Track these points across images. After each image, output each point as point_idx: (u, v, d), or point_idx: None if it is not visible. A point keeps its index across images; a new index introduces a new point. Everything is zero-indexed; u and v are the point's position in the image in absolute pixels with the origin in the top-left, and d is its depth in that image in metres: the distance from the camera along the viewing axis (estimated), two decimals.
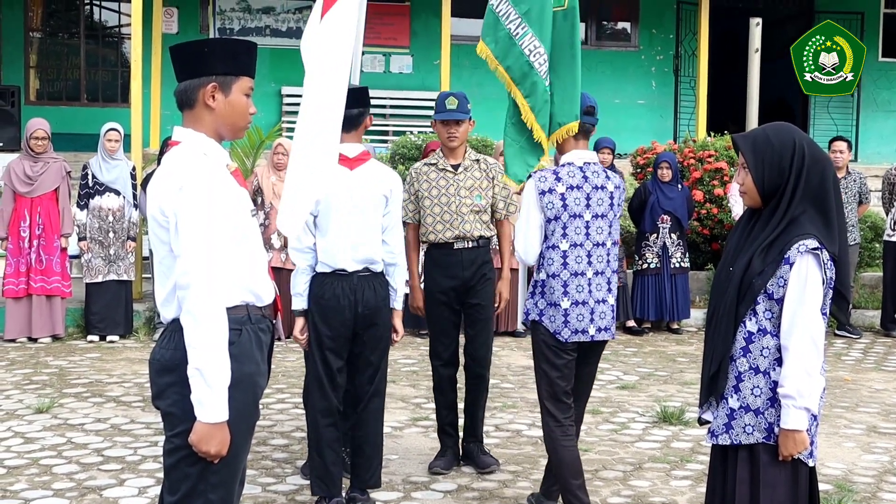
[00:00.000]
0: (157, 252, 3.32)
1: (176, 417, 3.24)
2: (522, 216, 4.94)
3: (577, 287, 4.89)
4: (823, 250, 3.54)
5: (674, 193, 10.70)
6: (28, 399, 7.57)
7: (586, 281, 4.90)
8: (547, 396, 4.98)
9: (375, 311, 5.31)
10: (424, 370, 8.67)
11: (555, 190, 4.87)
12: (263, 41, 15.79)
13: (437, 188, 6.02)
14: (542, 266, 4.95)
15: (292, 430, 6.83)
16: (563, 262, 4.88)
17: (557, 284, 4.89)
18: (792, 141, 3.62)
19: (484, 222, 6.06)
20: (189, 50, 3.35)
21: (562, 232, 4.88)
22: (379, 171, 5.45)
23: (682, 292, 10.81)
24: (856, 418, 7.45)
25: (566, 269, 4.89)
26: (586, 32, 17.34)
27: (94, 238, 9.86)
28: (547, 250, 4.91)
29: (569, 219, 4.87)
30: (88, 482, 5.74)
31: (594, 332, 4.95)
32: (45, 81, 16.82)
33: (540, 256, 4.95)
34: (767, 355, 3.61)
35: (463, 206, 5.99)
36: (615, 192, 4.98)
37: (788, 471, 3.62)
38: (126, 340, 9.99)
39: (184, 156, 3.28)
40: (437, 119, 6.03)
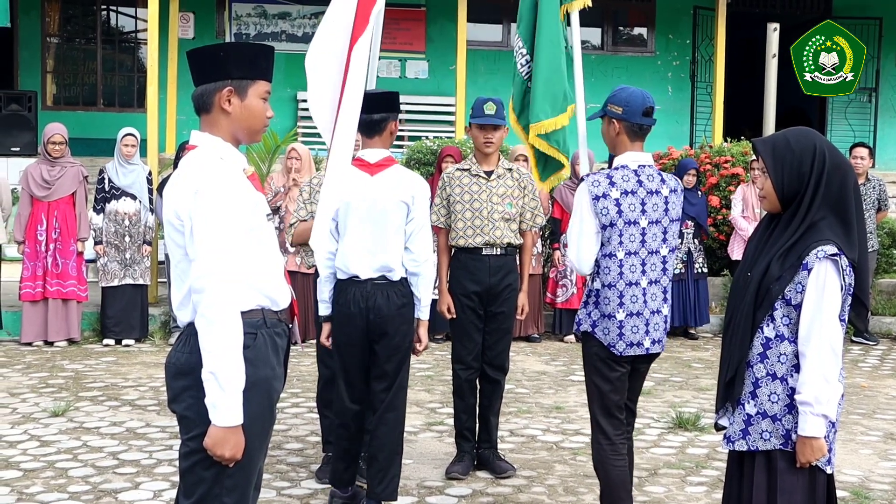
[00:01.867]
0: (173, 256, 3.32)
1: (191, 421, 3.24)
2: (575, 223, 4.67)
3: (631, 297, 4.62)
4: (842, 256, 3.51)
5: (695, 199, 10.76)
6: (44, 402, 7.59)
7: (640, 291, 4.64)
8: (599, 412, 4.72)
9: (388, 320, 5.20)
10: (439, 374, 8.67)
11: (609, 195, 4.57)
12: (279, 46, 15.81)
13: (470, 193, 6.01)
14: (597, 275, 4.67)
15: (307, 435, 6.83)
16: (619, 272, 4.61)
17: (613, 295, 4.61)
18: (812, 146, 3.60)
19: (513, 231, 6.04)
20: (205, 54, 3.36)
21: (618, 240, 4.58)
22: (401, 177, 5.28)
23: (704, 297, 10.85)
24: (872, 425, 7.41)
25: (622, 279, 4.61)
26: (602, 38, 17.33)
27: (110, 242, 9.89)
28: (603, 259, 4.62)
29: (624, 225, 4.59)
30: (104, 485, 5.75)
31: (649, 345, 4.72)
32: (61, 86, 16.88)
33: (595, 265, 4.66)
34: (785, 361, 3.59)
35: (494, 212, 5.98)
36: (670, 196, 4.67)
37: (806, 478, 3.59)
38: (141, 344, 10.01)
39: (200, 160, 3.28)
40: (474, 123, 6.01)
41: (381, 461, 5.25)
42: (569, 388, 8.39)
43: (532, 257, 6.39)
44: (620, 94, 4.68)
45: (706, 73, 16.69)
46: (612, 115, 4.66)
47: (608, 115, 4.68)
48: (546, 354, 9.87)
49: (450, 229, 6.08)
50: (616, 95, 4.69)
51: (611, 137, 4.72)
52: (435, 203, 6.05)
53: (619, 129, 4.66)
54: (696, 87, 17.10)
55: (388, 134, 5.33)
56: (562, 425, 7.21)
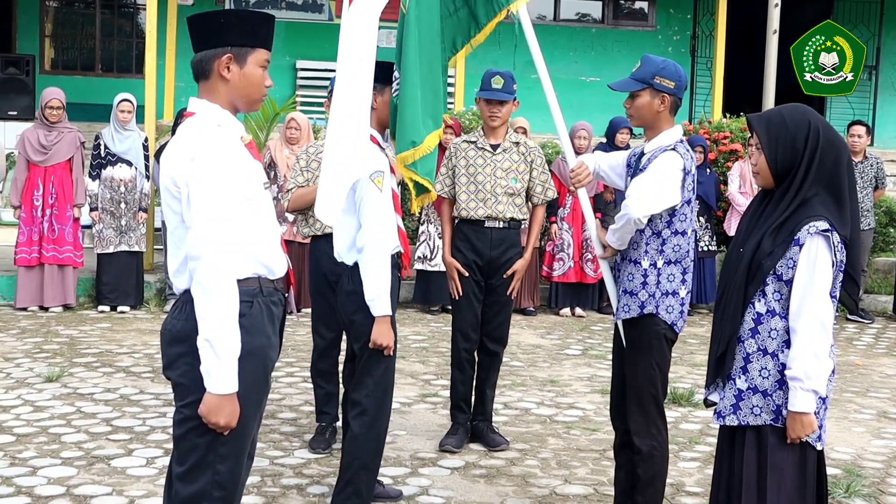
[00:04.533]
0: (169, 223, 3.31)
1: (186, 388, 3.24)
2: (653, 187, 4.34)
3: (689, 275, 4.47)
4: (834, 232, 3.51)
5: (703, 177, 10.74)
6: (38, 367, 7.60)
7: (691, 268, 4.51)
8: (661, 399, 4.50)
9: (343, 303, 4.80)
10: (434, 346, 8.69)
11: (691, 171, 4.39)
12: (279, 14, 15.74)
13: (475, 166, 5.98)
14: (659, 253, 4.41)
15: (301, 405, 6.84)
16: (687, 249, 4.43)
17: (677, 272, 4.43)
18: (807, 122, 3.59)
19: (517, 205, 6.02)
20: (205, 20, 3.34)
21: (689, 216, 4.42)
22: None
23: (710, 275, 10.85)
24: (866, 403, 7.44)
25: (688, 257, 4.44)
26: (603, 11, 17.27)
27: (106, 209, 9.87)
28: (674, 236, 4.40)
29: (692, 203, 4.45)
30: (97, 451, 5.76)
31: (681, 324, 4.53)
32: (59, 51, 16.80)
33: (655, 241, 4.41)
34: (776, 337, 3.59)
35: (497, 186, 5.96)
36: (695, 176, 4.50)
37: (796, 454, 3.60)
38: (136, 311, 10.01)
39: (198, 127, 3.27)
40: (480, 97, 5.97)
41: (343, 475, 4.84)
42: (563, 362, 8.41)
43: (539, 230, 6.33)
44: (671, 68, 4.42)
45: (706, 48, 16.65)
46: (661, 89, 4.40)
47: (654, 88, 4.40)
48: (541, 328, 9.89)
49: (454, 200, 6.06)
50: (666, 68, 4.41)
51: (653, 112, 4.44)
52: (441, 173, 6.03)
53: (667, 105, 4.42)
54: (696, 62, 17.05)
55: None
56: (556, 399, 7.23)
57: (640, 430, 4.51)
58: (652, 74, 4.40)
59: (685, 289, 4.48)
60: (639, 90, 4.43)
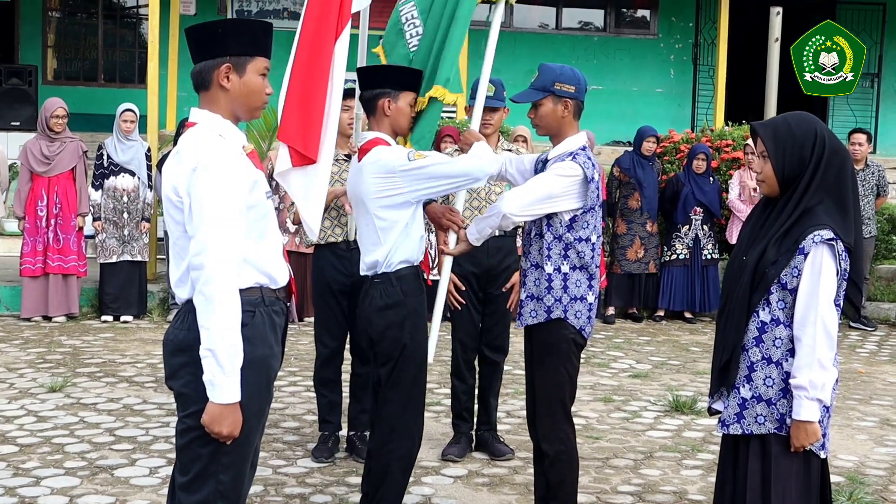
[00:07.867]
0: (171, 233, 3.32)
1: (189, 398, 3.25)
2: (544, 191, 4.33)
3: (595, 281, 4.48)
4: (838, 241, 3.52)
5: (706, 186, 10.75)
6: (41, 378, 7.61)
7: (596, 274, 4.51)
8: (568, 404, 4.51)
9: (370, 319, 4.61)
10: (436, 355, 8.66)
11: (594, 178, 4.37)
12: (281, 24, 15.72)
13: None
14: (564, 259, 4.39)
15: (304, 413, 6.84)
16: (591, 255, 4.41)
17: (584, 277, 4.42)
18: (814, 131, 3.60)
19: None
20: (203, 31, 3.35)
21: (594, 223, 4.41)
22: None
23: (713, 283, 10.84)
24: (869, 411, 7.42)
25: (593, 262, 4.43)
26: (605, 20, 17.28)
27: (109, 218, 9.88)
28: (578, 242, 4.37)
29: (598, 210, 4.44)
30: (100, 461, 5.76)
31: (590, 329, 4.52)
32: (62, 61, 16.84)
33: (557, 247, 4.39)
34: (780, 346, 3.59)
35: (492, 194, 5.94)
36: (600, 183, 4.46)
37: (800, 462, 3.61)
38: (140, 321, 10.02)
39: (199, 137, 3.28)
40: (471, 105, 5.94)
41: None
42: None
43: None
44: (568, 73, 4.43)
45: (709, 56, 16.66)
46: (563, 95, 4.39)
47: (556, 94, 4.40)
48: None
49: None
50: (564, 73, 4.42)
51: (557, 119, 4.43)
52: None
53: (570, 110, 4.42)
54: (698, 70, 17.06)
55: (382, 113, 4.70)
56: None
57: (548, 435, 4.52)
58: (552, 81, 4.42)
59: (592, 294, 4.46)
60: (540, 99, 4.45)
